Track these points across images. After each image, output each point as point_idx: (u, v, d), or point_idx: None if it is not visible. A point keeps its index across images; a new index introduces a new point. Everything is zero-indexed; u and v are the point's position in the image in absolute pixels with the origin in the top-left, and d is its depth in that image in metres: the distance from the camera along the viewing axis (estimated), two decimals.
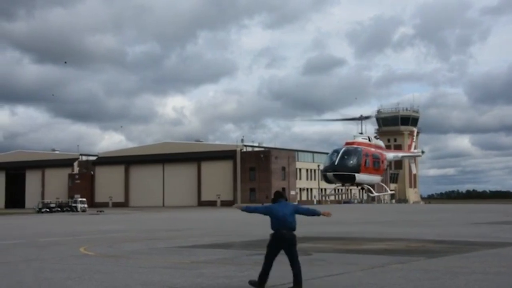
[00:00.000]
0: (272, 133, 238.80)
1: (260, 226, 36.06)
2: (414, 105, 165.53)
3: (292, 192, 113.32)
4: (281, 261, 15.43)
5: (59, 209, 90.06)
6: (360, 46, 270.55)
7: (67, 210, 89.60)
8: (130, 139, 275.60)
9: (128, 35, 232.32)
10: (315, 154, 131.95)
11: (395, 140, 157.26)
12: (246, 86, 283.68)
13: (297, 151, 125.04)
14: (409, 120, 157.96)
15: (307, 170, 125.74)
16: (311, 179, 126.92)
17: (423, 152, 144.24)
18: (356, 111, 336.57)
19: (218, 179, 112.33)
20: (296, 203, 15.29)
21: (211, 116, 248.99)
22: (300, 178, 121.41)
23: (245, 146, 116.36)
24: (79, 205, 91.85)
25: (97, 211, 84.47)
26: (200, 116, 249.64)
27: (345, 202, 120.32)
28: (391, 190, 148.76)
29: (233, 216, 56.59)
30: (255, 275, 12.60)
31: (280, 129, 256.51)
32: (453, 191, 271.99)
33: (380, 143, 28.43)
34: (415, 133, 37.49)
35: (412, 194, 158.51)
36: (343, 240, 22.86)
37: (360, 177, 25.07)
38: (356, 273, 12.80)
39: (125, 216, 62.61)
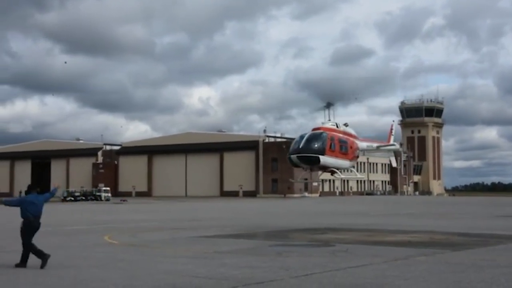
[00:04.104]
0: (297, 124, 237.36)
1: (282, 217, 36.08)
2: (439, 97, 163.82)
3: (315, 184, 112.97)
4: (303, 253, 15.42)
5: (83, 198, 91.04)
6: (389, 36, 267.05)
7: (91, 199, 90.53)
8: (155, 129, 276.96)
9: (157, 26, 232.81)
10: None
11: (419, 132, 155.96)
12: (272, 77, 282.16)
13: None
14: (434, 111, 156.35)
15: None
16: None
17: (401, 144, 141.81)
18: (381, 103, 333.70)
19: (240, 169, 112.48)
20: (45, 194, 13.81)
21: (236, 106, 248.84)
22: None
23: (268, 136, 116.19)
24: (103, 194, 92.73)
25: (121, 200, 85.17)
26: (225, 106, 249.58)
27: (367, 194, 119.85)
28: (414, 182, 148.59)
29: (256, 207, 56.70)
30: (277, 265, 12.61)
31: (305, 120, 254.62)
32: (478, 184, 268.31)
33: (350, 130, 28.13)
34: (393, 125, 36.75)
35: (436, 186, 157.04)
36: (366, 231, 22.76)
37: (325, 159, 24.79)
38: (379, 265, 12.71)
39: (148, 205, 63.10)
